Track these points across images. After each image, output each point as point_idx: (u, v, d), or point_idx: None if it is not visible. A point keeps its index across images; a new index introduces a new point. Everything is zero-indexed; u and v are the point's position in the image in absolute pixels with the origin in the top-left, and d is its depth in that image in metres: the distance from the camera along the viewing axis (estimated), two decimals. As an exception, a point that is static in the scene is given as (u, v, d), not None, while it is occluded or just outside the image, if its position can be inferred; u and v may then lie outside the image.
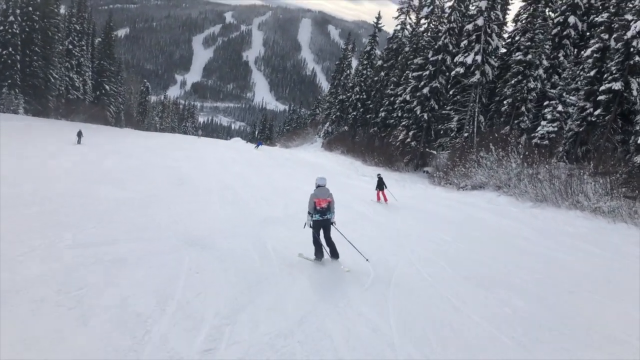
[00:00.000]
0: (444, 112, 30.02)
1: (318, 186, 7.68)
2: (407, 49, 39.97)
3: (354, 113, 47.96)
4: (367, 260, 7.79)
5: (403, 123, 33.17)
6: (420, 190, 23.08)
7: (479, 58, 26.69)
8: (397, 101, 36.71)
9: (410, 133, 31.83)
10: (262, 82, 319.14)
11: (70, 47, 47.63)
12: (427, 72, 30.76)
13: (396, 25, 43.23)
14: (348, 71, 55.42)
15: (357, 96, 47.35)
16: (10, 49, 37.91)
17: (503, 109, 25.68)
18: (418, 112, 31.02)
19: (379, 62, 43.50)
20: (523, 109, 24.56)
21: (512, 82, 25.21)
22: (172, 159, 24.61)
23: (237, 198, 14.07)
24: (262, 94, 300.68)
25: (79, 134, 26.35)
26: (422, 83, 31.22)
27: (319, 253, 7.65)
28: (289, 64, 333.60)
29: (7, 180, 11.19)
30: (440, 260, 8.99)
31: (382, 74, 42.25)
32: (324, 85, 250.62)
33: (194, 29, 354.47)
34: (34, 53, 39.85)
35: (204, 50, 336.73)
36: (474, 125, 27.13)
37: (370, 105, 44.11)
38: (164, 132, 72.71)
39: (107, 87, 58.58)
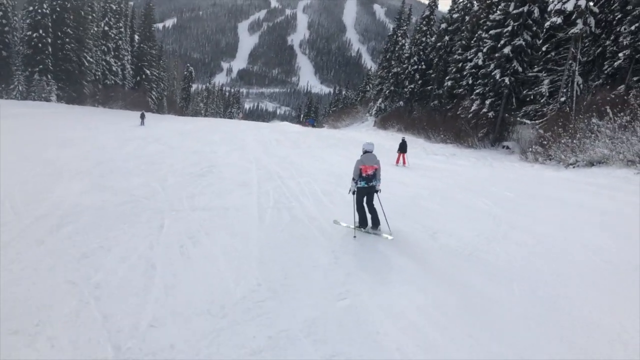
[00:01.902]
0: (530, 74, 24.40)
1: (365, 152, 7.22)
2: (475, 7, 34.15)
3: (412, 86, 42.65)
4: (391, 237, 6.96)
5: (477, 91, 27.77)
6: (516, 170, 17.98)
7: (582, 3, 20.87)
8: (467, 67, 31.23)
9: (487, 102, 26.43)
10: (307, 66, 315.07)
11: (107, 28, 45.10)
12: (509, 29, 25.14)
13: (461, -18, 37.31)
14: (403, 41, 49.75)
15: (415, 67, 41.98)
16: (41, 31, 35.55)
17: (616, 64, 19.92)
18: (497, 77, 25.54)
19: (443, 25, 37.78)
20: (648, 61, 18.76)
21: (632, 28, 19.36)
22: (206, 142, 20.85)
23: (285, 194, 9.84)
24: (307, 78, 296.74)
25: (142, 116, 29.48)
26: (501, 42, 25.63)
27: (363, 221, 7.23)
28: (334, 46, 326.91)
29: None
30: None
31: (447, 38, 36.63)
32: (370, 65, 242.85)
33: (239, 15, 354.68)
34: (66, 35, 37.36)
35: (250, 36, 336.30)
36: (572, 88, 21.45)
37: (432, 75, 38.63)
38: (207, 118, 70.12)
39: (147, 72, 56.13)
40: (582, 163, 16.87)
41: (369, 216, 7.23)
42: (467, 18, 35.42)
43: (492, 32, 26.99)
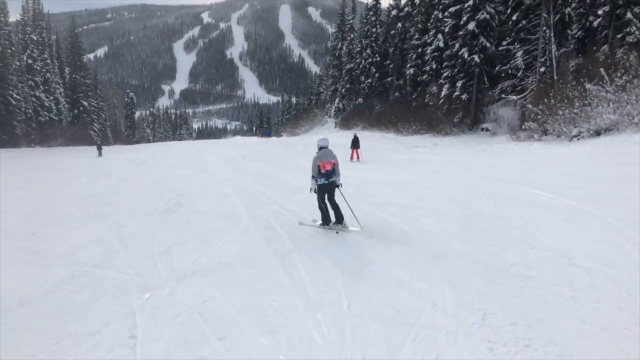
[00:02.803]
0: (501, 48, 23.08)
1: (320, 148, 7.06)
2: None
3: (369, 81, 40.99)
4: (361, 228, 6.88)
5: (444, 74, 26.25)
6: (520, 151, 16.33)
7: (546, -38, 19.65)
8: (428, 51, 29.77)
9: (458, 84, 24.94)
10: (250, 78, 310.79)
11: (30, 61, 40.75)
12: (470, 3, 23.75)
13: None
14: (352, 35, 48.10)
15: (370, 60, 40.34)
16: (-48, 72, 31.28)
17: (596, 22, 18.78)
18: (465, 56, 24.10)
19: (393, 12, 36.31)
20: (629, 15, 17.64)
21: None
22: (164, 168, 18.07)
23: (295, 225, 7.46)
24: (253, 90, 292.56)
25: (99, 147, 30.02)
26: (464, 19, 24.24)
27: (326, 218, 7.06)
28: (275, 53, 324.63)
29: None
30: None
31: (399, 25, 35.16)
32: (314, 69, 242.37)
33: (172, 35, 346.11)
34: (-16, 73, 33.16)
35: (187, 55, 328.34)
36: (550, 56, 20.18)
37: (391, 66, 37.06)
38: (156, 143, 66.17)
39: (85, 103, 51.74)
40: (587, 134, 15.41)
41: (331, 212, 7.10)
42: (417, 1, 34.11)
43: (451, 9, 25.60)
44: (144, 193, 11.48)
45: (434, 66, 29.21)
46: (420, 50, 31.07)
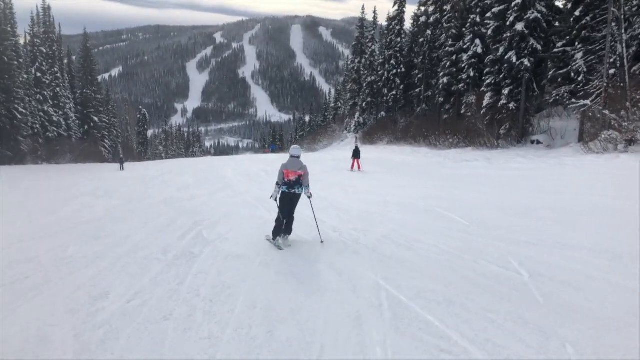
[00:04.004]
0: (556, 50, 20.46)
1: (291, 156, 6.84)
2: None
3: (393, 93, 38.60)
4: (322, 242, 6.70)
5: (487, 81, 23.67)
6: (599, 166, 13.54)
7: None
8: (464, 58, 27.29)
9: (505, 91, 22.30)
10: (262, 96, 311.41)
11: (39, 75, 39.07)
12: (518, 1, 21.29)
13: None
14: (372, 46, 45.89)
15: (394, 71, 38.01)
16: (-45, 84, 29.47)
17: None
18: (513, 60, 21.53)
19: (422, 19, 34.00)
20: None
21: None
22: (179, 186, 15.60)
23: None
24: (264, 108, 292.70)
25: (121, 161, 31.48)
26: (510, 19, 21.76)
27: (278, 230, 6.71)
28: (286, 72, 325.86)
29: None
30: None
31: (429, 32, 32.80)
32: (325, 87, 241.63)
33: (186, 55, 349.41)
34: (-12, 85, 31.31)
35: (200, 74, 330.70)
36: (622, 56, 17.52)
37: (419, 76, 34.59)
38: (169, 160, 64.27)
39: (95, 119, 50.05)
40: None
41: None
42: (446, 8, 31.76)
43: (494, 9, 23.14)
44: (152, 219, 8.97)
45: (472, 74, 26.69)
46: (454, 57, 28.57)
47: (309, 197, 6.88)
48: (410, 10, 67.07)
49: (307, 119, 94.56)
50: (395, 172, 17.18)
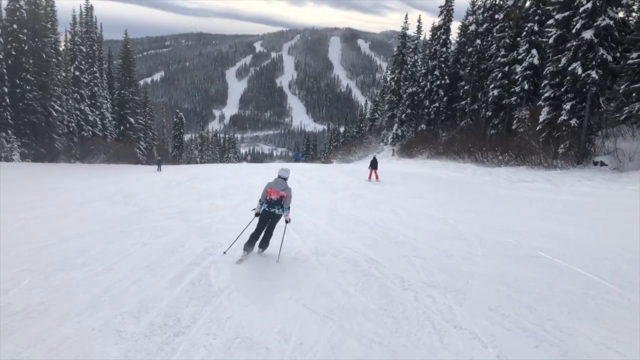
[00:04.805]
0: (631, 61, 18.16)
1: (279, 177, 6.97)
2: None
3: (435, 105, 36.60)
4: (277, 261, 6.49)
5: (545, 94, 21.46)
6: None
7: None
8: (518, 69, 25.14)
9: (567, 106, 20.04)
10: (298, 106, 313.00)
11: (78, 73, 39.19)
12: (588, 5, 19.12)
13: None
14: (415, 57, 44.02)
15: (438, 82, 36.03)
16: (-6, 79, 29.49)
17: None
18: (579, 71, 19.30)
19: (471, 28, 31.99)
20: None
21: None
22: (202, 194, 14.22)
23: None
24: (300, 118, 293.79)
25: (159, 162, 32.79)
26: (576, 26, 19.58)
27: (250, 244, 6.71)
28: (323, 83, 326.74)
29: None
30: None
31: (478, 41, 30.76)
32: (361, 99, 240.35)
33: (226, 63, 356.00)
34: (26, 82, 31.17)
35: (238, 82, 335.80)
36: None
37: (466, 87, 32.49)
38: (202, 164, 64.00)
39: (131, 120, 50.14)
40: None
41: (257, 243, 6.84)
42: (498, 16, 29.66)
43: (558, 16, 20.97)
44: (154, 239, 7.50)
45: (526, 86, 24.50)
46: (507, 68, 26.43)
47: (287, 222, 6.87)
48: (454, 26, 64.95)
49: (341, 129, 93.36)
50: (448, 192, 15.27)
